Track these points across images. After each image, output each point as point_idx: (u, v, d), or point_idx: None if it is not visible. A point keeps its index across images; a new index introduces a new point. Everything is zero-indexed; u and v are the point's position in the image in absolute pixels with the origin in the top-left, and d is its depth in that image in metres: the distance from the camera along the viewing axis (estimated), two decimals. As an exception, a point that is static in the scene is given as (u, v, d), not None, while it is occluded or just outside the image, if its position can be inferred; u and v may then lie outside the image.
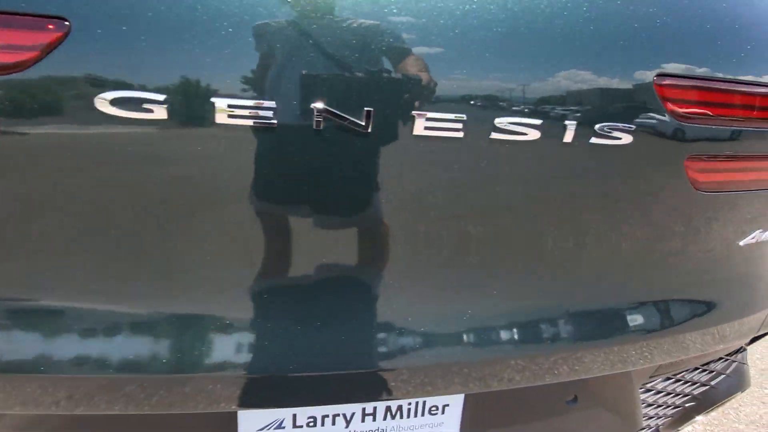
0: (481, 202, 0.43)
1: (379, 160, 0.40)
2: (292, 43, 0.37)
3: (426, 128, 0.38)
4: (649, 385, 0.67)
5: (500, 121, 0.37)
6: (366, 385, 0.51)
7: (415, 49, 0.37)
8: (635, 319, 0.51)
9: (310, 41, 0.37)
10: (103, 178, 0.38)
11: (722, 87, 0.41)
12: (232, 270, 0.43)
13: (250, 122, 0.37)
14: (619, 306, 0.51)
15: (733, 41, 0.42)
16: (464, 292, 0.50)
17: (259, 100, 0.37)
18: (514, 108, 0.37)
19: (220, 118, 0.37)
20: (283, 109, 0.37)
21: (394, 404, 0.57)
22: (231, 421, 0.50)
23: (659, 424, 0.78)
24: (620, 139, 0.39)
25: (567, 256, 0.48)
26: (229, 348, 0.46)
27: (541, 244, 0.45)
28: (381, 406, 0.57)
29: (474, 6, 0.37)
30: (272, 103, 0.37)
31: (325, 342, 0.49)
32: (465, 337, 0.51)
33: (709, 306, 0.57)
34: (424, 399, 0.58)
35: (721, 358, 0.73)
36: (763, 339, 1.83)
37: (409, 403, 0.57)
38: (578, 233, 0.45)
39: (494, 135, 0.37)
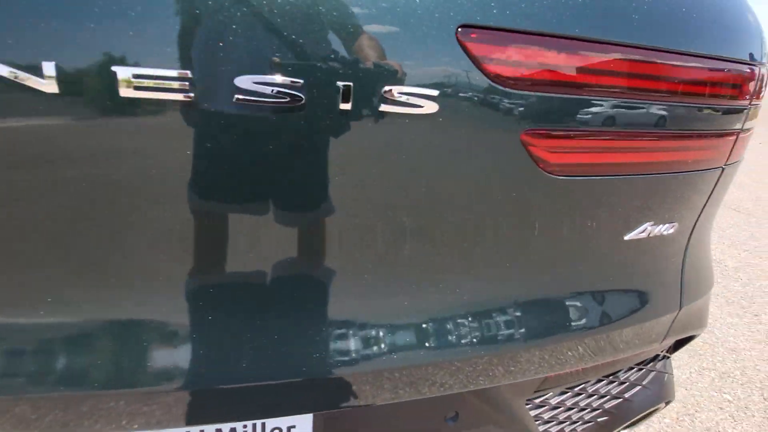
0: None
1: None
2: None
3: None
4: (539, 401, 0.58)
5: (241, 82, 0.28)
6: (186, 408, 0.43)
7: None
8: (487, 330, 0.43)
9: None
10: None
11: (553, 42, 0.33)
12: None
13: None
14: (456, 315, 0.42)
15: None
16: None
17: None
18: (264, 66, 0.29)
19: (125, 91, 0.28)
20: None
21: (224, 427, 0.49)
22: None
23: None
24: (422, 107, 0.30)
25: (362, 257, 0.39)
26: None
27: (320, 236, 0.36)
28: (208, 429, 0.48)
29: None
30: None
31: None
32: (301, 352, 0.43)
33: (587, 312, 0.48)
34: (263, 421, 0.49)
35: (632, 368, 0.65)
36: (723, 343, 1.77)
37: (245, 426, 0.49)
38: (391, 224, 0.36)
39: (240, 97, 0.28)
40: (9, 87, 0.27)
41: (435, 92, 0.31)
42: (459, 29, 0.30)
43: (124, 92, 0.28)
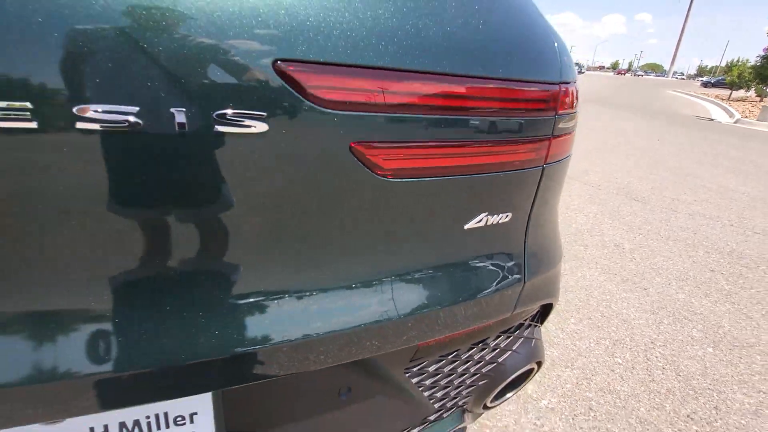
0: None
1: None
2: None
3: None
4: (416, 369, 0.69)
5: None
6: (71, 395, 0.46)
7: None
8: (354, 309, 0.52)
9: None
10: None
11: (360, 72, 0.43)
12: None
13: None
14: (327, 297, 0.52)
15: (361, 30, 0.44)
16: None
17: None
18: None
19: None
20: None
21: (128, 420, 0.53)
22: None
23: (459, 403, 0.82)
24: (253, 127, 0.39)
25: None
26: None
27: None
28: (112, 423, 0.53)
29: None
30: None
31: None
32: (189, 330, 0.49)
33: (441, 289, 0.60)
34: (165, 410, 0.54)
35: (500, 335, 0.78)
36: (617, 315, 2.01)
37: (147, 417, 0.54)
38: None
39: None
40: None
41: (263, 113, 0.40)
42: (277, 62, 0.40)
43: None
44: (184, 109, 0.37)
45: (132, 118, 0.36)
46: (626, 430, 1.40)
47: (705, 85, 45.37)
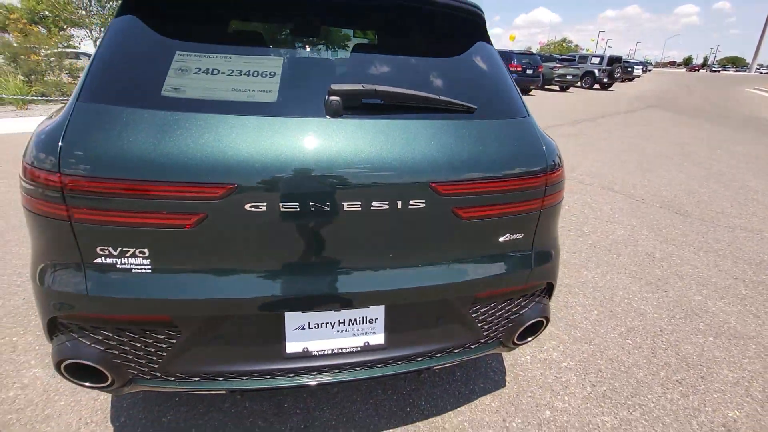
0: None
1: None
2: None
3: None
4: (474, 309, 1.38)
5: None
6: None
7: None
8: (455, 273, 1.24)
9: None
10: None
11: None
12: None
13: None
14: (447, 268, 1.24)
15: None
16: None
17: None
18: None
19: None
20: None
21: (353, 317, 1.28)
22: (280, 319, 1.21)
23: (497, 336, 1.49)
24: (419, 206, 1.13)
25: (422, 252, 1.21)
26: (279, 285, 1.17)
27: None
28: (346, 318, 1.28)
29: None
30: None
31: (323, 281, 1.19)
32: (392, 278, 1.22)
33: (488, 268, 1.29)
34: (365, 314, 1.29)
35: (520, 298, 1.44)
36: (635, 310, 2.52)
37: (357, 318, 1.28)
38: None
39: None
40: None
41: (424, 200, 1.14)
42: (430, 183, 1.14)
43: None
44: (416, 201, 1.12)
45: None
46: (625, 386, 1.96)
47: (797, 79, 40.56)
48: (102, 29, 11.72)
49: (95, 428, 1.63)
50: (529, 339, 1.56)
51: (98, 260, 1.06)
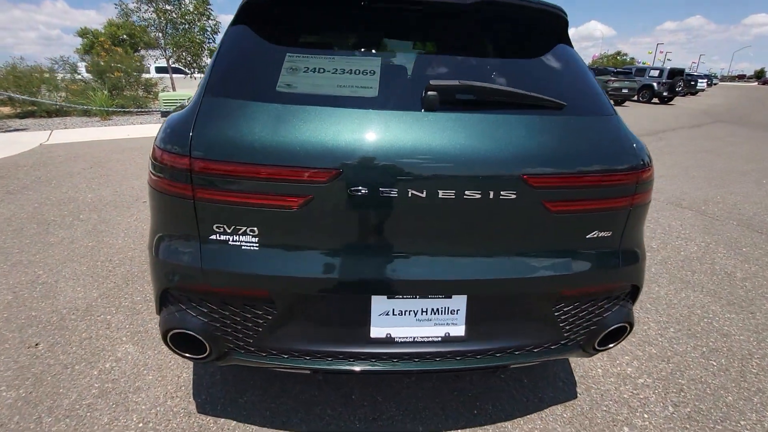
0: None
1: None
2: None
3: None
4: (558, 307, 1.35)
5: None
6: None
7: None
8: (541, 267, 1.23)
9: None
10: None
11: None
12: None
13: None
14: (534, 262, 1.24)
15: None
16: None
17: None
18: None
19: None
20: None
21: (435, 306, 1.30)
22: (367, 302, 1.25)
23: (578, 339, 1.45)
24: (510, 196, 1.14)
25: (508, 244, 1.22)
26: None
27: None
28: (429, 307, 1.30)
29: None
30: None
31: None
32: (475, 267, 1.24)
33: (576, 265, 1.27)
34: (448, 305, 1.30)
35: (604, 299, 1.40)
36: (717, 330, 2.35)
37: (441, 307, 1.31)
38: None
39: None
40: None
41: (515, 191, 1.15)
42: (523, 175, 1.15)
43: None
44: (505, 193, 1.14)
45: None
46: (713, 409, 1.81)
47: None
48: (175, 49, 12.86)
49: (179, 402, 1.75)
50: (611, 345, 1.50)
51: (213, 236, 1.17)
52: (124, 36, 22.18)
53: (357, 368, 1.29)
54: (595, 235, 1.27)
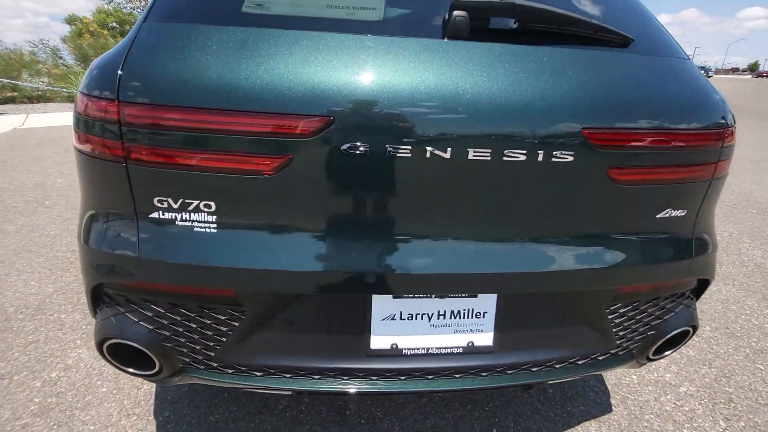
0: None
1: None
2: None
3: None
4: (613, 308, 1.05)
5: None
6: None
7: None
8: (597, 256, 0.93)
9: None
10: None
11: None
12: None
13: None
14: (587, 249, 0.93)
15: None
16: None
17: None
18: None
19: None
20: None
21: (456, 308, 0.99)
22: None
23: (631, 347, 1.15)
24: (567, 158, 0.82)
25: (557, 224, 0.91)
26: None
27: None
28: (448, 309, 0.99)
29: None
30: None
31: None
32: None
33: (636, 253, 0.96)
34: (472, 306, 1.00)
35: (667, 298, 1.10)
36: (759, 328, 2.08)
37: (464, 310, 1.00)
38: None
39: None
40: None
41: (572, 151, 0.83)
42: (584, 129, 0.83)
43: None
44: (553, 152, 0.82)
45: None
46: (770, 424, 1.54)
47: None
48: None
49: (136, 422, 1.44)
50: (667, 353, 1.21)
51: (155, 215, 0.85)
52: (114, 24, 21.39)
53: (352, 389, 0.99)
54: (667, 215, 0.97)
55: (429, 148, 0.79)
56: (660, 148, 0.89)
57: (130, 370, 1.02)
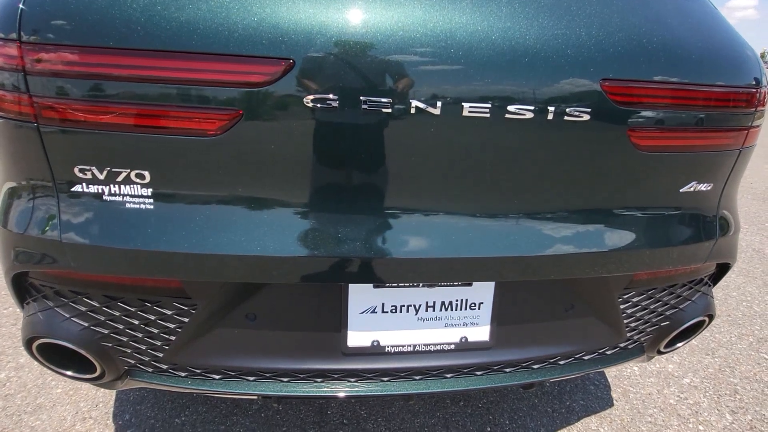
0: None
1: None
2: None
3: None
4: (626, 296, 0.92)
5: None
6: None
7: None
8: (613, 236, 0.79)
9: None
10: None
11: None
12: None
13: None
14: (601, 228, 0.79)
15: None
16: None
17: None
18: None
19: None
20: None
21: (448, 299, 0.86)
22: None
23: (642, 339, 1.03)
24: (583, 116, 0.67)
25: (567, 198, 0.77)
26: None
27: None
28: (438, 300, 0.85)
29: None
30: None
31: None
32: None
33: (655, 233, 0.83)
34: (466, 296, 0.86)
35: (684, 285, 0.98)
36: (761, 315, 1.99)
37: (457, 300, 0.86)
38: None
39: None
40: None
41: (589, 109, 0.69)
42: (603, 80, 0.69)
43: None
44: (556, 106, 0.67)
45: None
46: (778, 416, 1.45)
47: None
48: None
49: (92, 426, 1.29)
50: (679, 345, 1.10)
51: (77, 187, 0.69)
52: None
53: (327, 392, 0.85)
54: (692, 188, 0.83)
55: (414, 102, 0.64)
56: (689, 107, 0.75)
57: (68, 373, 0.87)
